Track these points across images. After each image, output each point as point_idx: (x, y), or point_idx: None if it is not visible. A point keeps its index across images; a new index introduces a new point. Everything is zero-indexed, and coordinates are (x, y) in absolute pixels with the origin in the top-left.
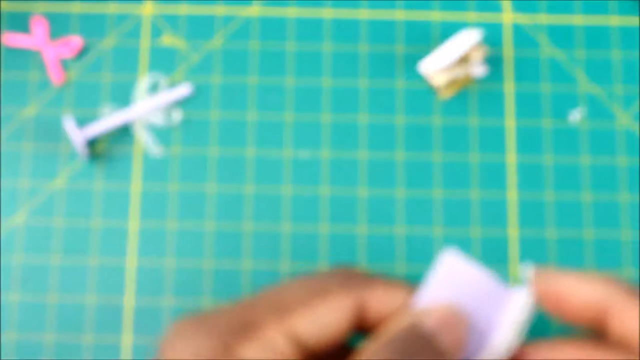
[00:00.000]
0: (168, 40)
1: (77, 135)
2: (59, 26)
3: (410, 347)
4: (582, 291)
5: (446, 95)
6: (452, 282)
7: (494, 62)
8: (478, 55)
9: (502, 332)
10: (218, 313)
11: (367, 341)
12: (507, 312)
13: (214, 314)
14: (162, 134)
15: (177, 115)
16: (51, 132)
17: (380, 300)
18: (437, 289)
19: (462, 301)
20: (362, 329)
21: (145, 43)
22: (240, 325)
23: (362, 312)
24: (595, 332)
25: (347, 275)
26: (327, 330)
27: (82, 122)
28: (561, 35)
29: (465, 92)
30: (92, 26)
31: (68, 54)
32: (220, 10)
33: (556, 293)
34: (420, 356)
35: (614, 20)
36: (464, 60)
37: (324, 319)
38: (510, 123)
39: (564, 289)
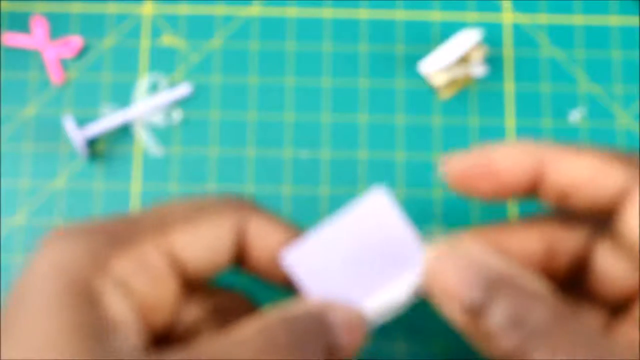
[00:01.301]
0: (168, 40)
1: (77, 135)
2: (59, 26)
3: (306, 331)
4: (512, 156)
5: (446, 95)
6: (370, 219)
7: (494, 62)
8: (478, 55)
9: (396, 287)
10: (98, 224)
11: (270, 309)
12: (409, 271)
13: (94, 224)
14: (162, 134)
15: (177, 115)
16: (51, 132)
17: (259, 231)
18: (353, 221)
19: (372, 241)
20: (242, 263)
21: (145, 43)
22: (116, 238)
23: (243, 239)
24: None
25: (234, 200)
26: (206, 251)
27: (82, 122)
28: (561, 35)
29: (465, 92)
30: (92, 26)
31: (68, 54)
32: (220, 10)
33: (482, 167)
34: (312, 345)
35: (614, 20)
36: (464, 60)
37: (206, 239)
38: (510, 123)
39: (493, 160)
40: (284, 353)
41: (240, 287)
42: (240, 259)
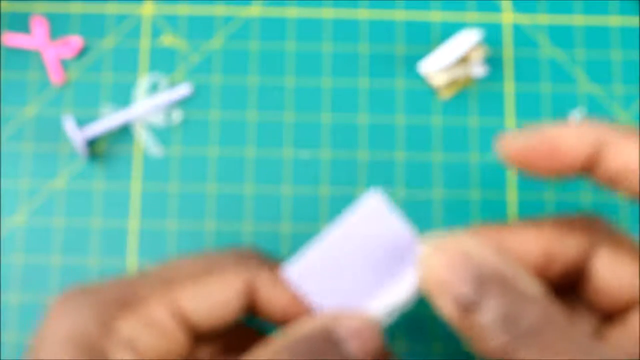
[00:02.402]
0: (168, 40)
1: (77, 135)
2: (59, 26)
3: (313, 351)
4: (575, 137)
5: (446, 95)
6: (368, 223)
7: (494, 62)
8: (478, 55)
9: (400, 286)
10: (103, 285)
11: (277, 335)
12: (411, 269)
13: (99, 286)
14: (162, 134)
15: (177, 115)
16: (51, 132)
17: (269, 285)
18: (351, 227)
19: (372, 244)
20: (254, 312)
21: (145, 43)
22: (123, 299)
23: (253, 294)
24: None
25: (240, 255)
26: (215, 308)
27: (82, 122)
28: (561, 35)
29: (465, 92)
30: (92, 26)
31: (68, 54)
32: (220, 10)
33: (544, 146)
34: None
35: (614, 20)
36: (464, 60)
37: (212, 296)
38: (510, 123)
39: (555, 139)
40: None
41: (251, 320)
42: (252, 310)
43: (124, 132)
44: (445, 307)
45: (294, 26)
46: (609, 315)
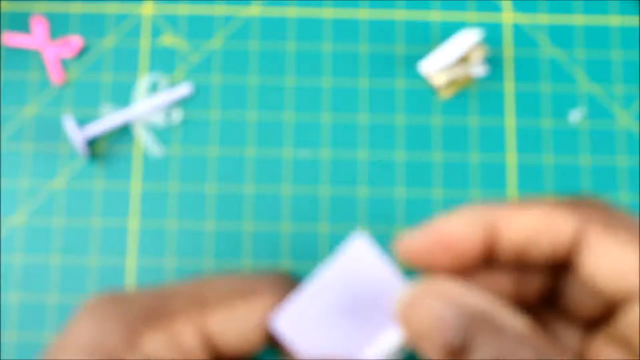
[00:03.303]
0: (168, 40)
1: (77, 135)
2: (59, 26)
3: None
4: (462, 225)
5: (446, 95)
6: (353, 268)
7: (494, 62)
8: (478, 55)
9: (389, 335)
10: (133, 296)
11: None
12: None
13: (130, 296)
14: (162, 134)
15: (177, 115)
16: (51, 132)
17: None
18: (337, 272)
19: (359, 289)
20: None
21: (145, 43)
22: (152, 313)
23: None
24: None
25: (276, 281)
26: (243, 334)
27: (82, 122)
28: (561, 35)
29: (465, 92)
30: (92, 26)
31: (68, 53)
32: (220, 10)
33: (435, 242)
34: None
35: (614, 20)
36: (464, 60)
37: (242, 321)
38: (510, 123)
39: (444, 232)
40: None
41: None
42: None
43: (124, 132)
44: (433, 354)
45: (294, 26)
46: (592, 322)
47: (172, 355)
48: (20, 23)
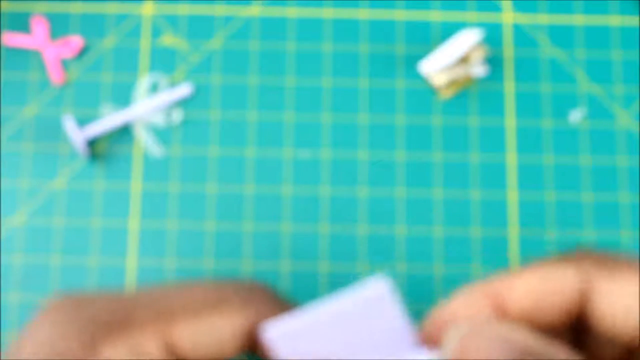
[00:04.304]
0: (168, 40)
1: (77, 135)
2: (59, 26)
3: None
4: (468, 303)
5: (446, 95)
6: (366, 309)
7: (494, 62)
8: (478, 55)
9: None
10: (98, 300)
11: None
12: None
13: (94, 299)
14: (162, 134)
15: (177, 115)
16: (51, 132)
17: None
18: (348, 307)
19: (363, 332)
20: (254, 352)
21: (145, 43)
22: (115, 321)
23: (254, 332)
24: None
25: (248, 292)
26: (212, 347)
27: (82, 122)
28: (561, 35)
29: (465, 92)
30: (92, 26)
31: (68, 54)
32: (220, 10)
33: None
34: None
35: (614, 20)
36: (464, 60)
37: (212, 334)
38: (510, 123)
39: (452, 313)
40: None
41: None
42: (252, 349)
43: (124, 132)
44: None
45: (294, 26)
46: None
47: None
48: (20, 23)
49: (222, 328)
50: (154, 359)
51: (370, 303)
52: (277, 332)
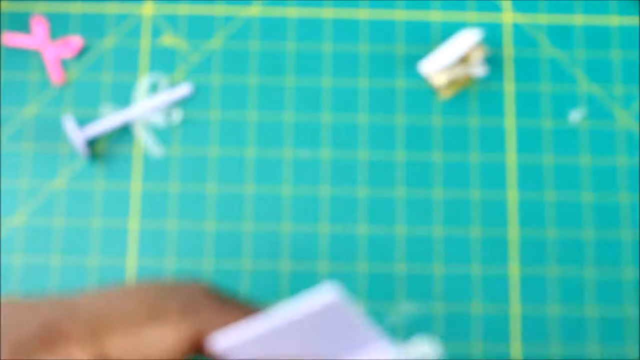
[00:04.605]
0: (168, 40)
1: (77, 135)
2: (59, 26)
3: None
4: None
5: (446, 95)
6: (321, 323)
7: (494, 62)
8: (478, 55)
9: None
10: (35, 307)
11: None
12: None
13: (31, 306)
14: (162, 134)
15: (177, 115)
16: (51, 132)
17: (216, 325)
18: (299, 324)
19: (322, 344)
20: (202, 353)
21: (145, 43)
22: (47, 333)
23: (200, 341)
24: None
25: (189, 295)
26: (150, 356)
27: (82, 122)
28: (561, 35)
29: (465, 92)
30: (92, 26)
31: (68, 54)
32: (220, 10)
33: None
34: None
35: (614, 20)
36: (464, 60)
37: (149, 347)
38: (510, 123)
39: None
40: None
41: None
42: (199, 350)
43: (124, 132)
44: None
45: (294, 26)
46: None
47: None
48: (20, 23)
49: (159, 340)
50: None
51: (323, 310)
52: (229, 342)
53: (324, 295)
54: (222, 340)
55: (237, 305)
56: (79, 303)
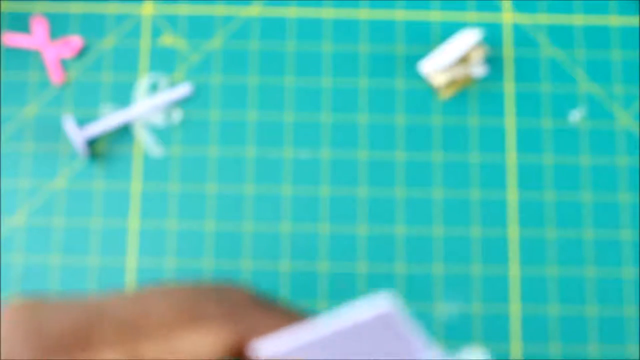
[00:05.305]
0: (168, 40)
1: (77, 135)
2: (59, 26)
3: None
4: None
5: (446, 95)
6: (372, 333)
7: (494, 62)
8: (478, 55)
9: None
10: (58, 310)
11: None
12: None
13: (54, 309)
14: (162, 134)
15: (177, 115)
16: (51, 132)
17: (258, 331)
18: (348, 335)
19: (371, 357)
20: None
21: (145, 43)
22: (75, 340)
23: (243, 347)
24: None
25: (229, 300)
26: None
27: (82, 122)
28: (561, 35)
29: (465, 92)
30: (92, 26)
31: (68, 54)
32: (220, 10)
33: None
34: None
35: (614, 20)
36: (464, 60)
37: (186, 353)
38: (510, 123)
39: None
40: None
41: None
42: (239, 356)
43: (124, 132)
44: None
45: (294, 26)
46: None
47: None
48: (20, 23)
49: (200, 344)
50: None
51: (375, 322)
52: (273, 349)
53: (379, 305)
54: (267, 347)
55: (280, 311)
56: (113, 305)
